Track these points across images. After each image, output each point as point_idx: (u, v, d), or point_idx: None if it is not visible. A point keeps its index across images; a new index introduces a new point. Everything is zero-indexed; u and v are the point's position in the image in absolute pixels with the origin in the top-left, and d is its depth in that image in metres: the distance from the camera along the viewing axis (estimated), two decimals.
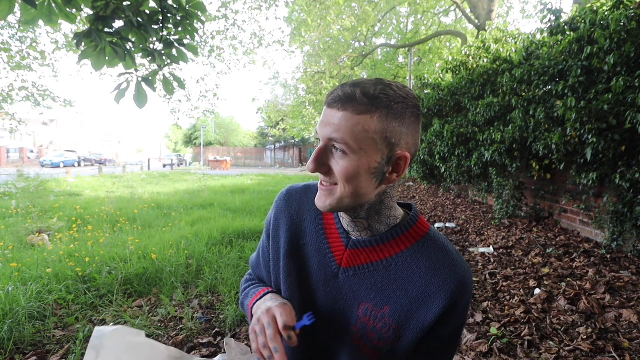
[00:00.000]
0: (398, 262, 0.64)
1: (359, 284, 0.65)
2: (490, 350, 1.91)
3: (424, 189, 9.20)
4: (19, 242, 3.90)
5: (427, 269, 0.62)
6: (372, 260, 0.65)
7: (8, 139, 31.90)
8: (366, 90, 0.55)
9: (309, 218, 0.74)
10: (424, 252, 0.64)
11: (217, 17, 9.40)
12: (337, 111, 0.56)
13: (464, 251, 3.65)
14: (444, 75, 6.70)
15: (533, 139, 3.75)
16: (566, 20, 3.77)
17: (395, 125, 0.57)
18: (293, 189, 0.79)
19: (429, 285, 0.61)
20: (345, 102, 0.55)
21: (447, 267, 0.62)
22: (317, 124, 0.60)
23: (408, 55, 14.34)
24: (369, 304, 0.64)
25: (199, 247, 3.57)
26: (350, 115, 0.55)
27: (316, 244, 0.71)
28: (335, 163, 0.58)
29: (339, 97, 0.56)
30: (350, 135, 0.55)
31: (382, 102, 0.56)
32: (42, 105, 9.44)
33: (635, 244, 2.99)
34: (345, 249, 0.67)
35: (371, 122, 0.55)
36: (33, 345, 2.00)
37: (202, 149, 36.15)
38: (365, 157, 0.56)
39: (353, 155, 0.56)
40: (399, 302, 0.62)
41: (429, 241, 0.65)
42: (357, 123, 0.55)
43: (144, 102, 1.93)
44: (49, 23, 1.72)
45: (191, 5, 2.07)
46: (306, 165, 0.60)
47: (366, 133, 0.55)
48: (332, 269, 0.68)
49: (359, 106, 0.55)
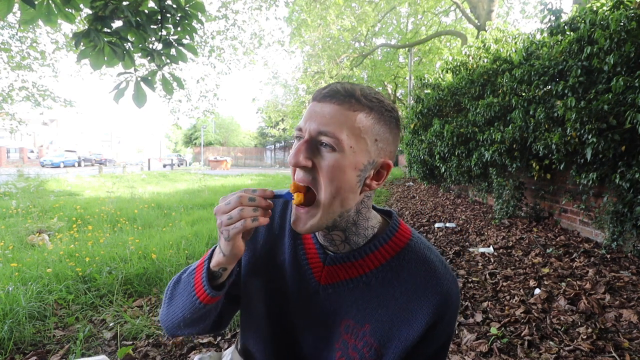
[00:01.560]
0: (378, 277, 0.61)
1: (340, 301, 0.62)
2: (490, 350, 1.91)
3: (424, 189, 9.20)
4: (19, 242, 3.90)
5: (408, 285, 0.59)
6: (351, 277, 0.62)
7: (8, 139, 31.92)
8: (364, 90, 0.55)
9: (287, 232, 0.71)
10: (405, 265, 0.60)
11: (217, 17, 9.40)
12: (332, 104, 0.54)
13: (464, 251, 3.65)
14: (444, 75, 6.70)
15: (533, 139, 3.75)
16: (566, 20, 3.77)
17: (384, 130, 0.57)
18: (277, 203, 0.75)
19: (411, 302, 0.58)
20: (344, 96, 0.54)
21: (430, 280, 0.58)
22: (301, 121, 0.57)
23: (408, 55, 14.35)
24: (350, 321, 0.61)
25: (199, 247, 3.57)
26: (347, 111, 0.54)
27: (295, 261, 0.67)
28: (321, 158, 0.54)
29: (337, 91, 0.55)
30: (343, 130, 0.53)
31: (376, 105, 0.56)
32: (42, 105, 9.44)
33: (635, 244, 2.99)
34: (323, 266, 0.64)
35: (365, 121, 0.54)
36: (33, 345, 2.00)
37: (202, 149, 36.16)
38: (354, 156, 0.54)
39: (342, 153, 0.53)
40: (380, 319, 0.59)
41: (410, 252, 0.61)
42: (352, 119, 0.54)
43: (143, 102, 1.93)
44: (48, 23, 1.72)
45: (190, 6, 2.07)
46: (290, 157, 0.56)
47: (359, 131, 0.54)
48: (312, 286, 0.65)
49: (356, 103, 0.54)
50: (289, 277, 0.67)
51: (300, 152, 0.55)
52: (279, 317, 0.68)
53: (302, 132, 0.56)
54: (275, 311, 0.68)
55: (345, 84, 0.56)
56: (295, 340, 0.67)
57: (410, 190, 9.48)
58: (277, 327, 0.68)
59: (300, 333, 0.66)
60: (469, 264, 3.25)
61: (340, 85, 0.55)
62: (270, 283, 0.69)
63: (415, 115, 6.70)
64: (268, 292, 0.69)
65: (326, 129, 0.53)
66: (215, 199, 7.51)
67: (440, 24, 16.02)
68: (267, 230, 0.73)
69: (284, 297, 0.68)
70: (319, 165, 0.55)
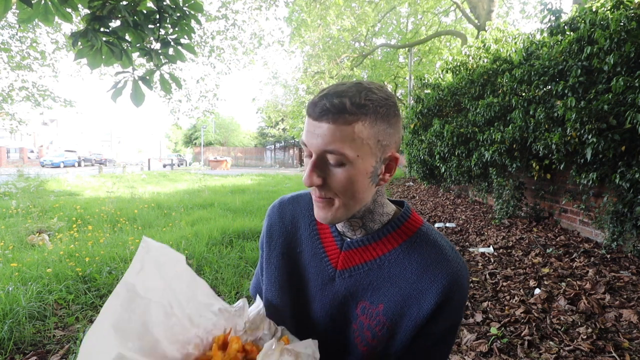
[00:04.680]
0: (391, 259, 0.64)
1: (356, 285, 0.66)
2: (490, 350, 1.91)
3: (424, 189, 9.20)
4: (19, 242, 3.90)
5: (418, 265, 0.62)
6: (366, 260, 0.66)
7: (8, 139, 31.92)
8: (354, 99, 0.55)
9: (303, 226, 0.75)
10: (416, 248, 0.64)
11: (217, 17, 9.39)
12: (328, 123, 0.55)
13: (464, 251, 3.65)
14: (444, 75, 6.70)
15: (533, 139, 3.75)
16: (566, 20, 3.77)
17: (384, 127, 0.58)
18: (285, 200, 0.80)
19: (421, 282, 0.61)
20: (336, 114, 0.55)
21: (439, 263, 0.61)
22: (303, 134, 0.59)
23: (408, 55, 14.35)
24: (365, 302, 0.65)
25: (199, 247, 3.57)
26: (343, 127, 0.55)
27: (312, 250, 0.72)
28: (332, 174, 0.58)
29: (327, 109, 0.55)
30: (346, 145, 0.55)
31: (369, 108, 0.56)
32: (42, 105, 9.44)
33: (635, 244, 2.98)
34: (340, 252, 0.68)
35: (363, 129, 0.56)
36: (33, 345, 2.00)
37: (202, 149, 36.15)
38: (362, 163, 0.57)
39: (350, 164, 0.56)
40: (393, 299, 0.62)
41: (421, 237, 0.65)
42: (350, 132, 0.55)
43: (141, 101, 1.93)
44: (45, 22, 1.72)
45: (188, 5, 2.07)
46: (304, 179, 0.58)
47: (360, 140, 0.56)
48: (329, 273, 0.68)
49: (350, 116, 0.55)
50: (307, 267, 0.72)
51: (312, 174, 0.58)
52: (296, 307, 0.72)
53: (307, 148, 0.58)
54: (292, 301, 0.72)
55: (332, 98, 0.55)
56: (317, 322, 0.70)
57: (410, 190, 9.48)
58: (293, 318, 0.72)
59: (320, 317, 0.69)
60: (469, 264, 3.25)
61: (328, 101, 0.55)
62: (291, 276, 0.73)
63: (415, 115, 6.70)
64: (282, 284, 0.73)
65: (329, 148, 0.55)
66: (216, 198, 7.51)
67: (440, 24, 16.02)
68: (283, 228, 0.77)
69: (302, 287, 0.72)
70: (331, 180, 0.58)
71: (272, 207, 0.81)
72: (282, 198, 0.81)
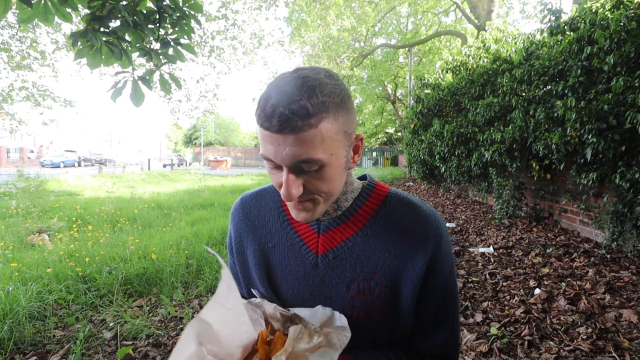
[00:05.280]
0: (372, 228, 0.65)
1: (342, 264, 0.65)
2: (490, 350, 1.91)
3: (424, 189, 9.20)
4: (19, 242, 3.90)
5: (401, 225, 0.64)
6: (347, 237, 0.65)
7: (8, 139, 31.92)
8: (312, 99, 0.50)
9: (271, 219, 0.73)
10: (393, 209, 0.65)
11: (217, 17, 9.39)
12: (294, 134, 0.50)
13: (464, 251, 3.65)
14: (444, 75, 6.70)
15: (533, 139, 3.75)
16: (566, 20, 3.77)
17: (345, 115, 0.55)
18: (246, 197, 0.77)
19: (409, 239, 0.62)
20: (300, 121, 0.49)
21: (419, 218, 0.64)
22: (263, 148, 0.54)
23: (408, 55, 14.35)
24: (358, 280, 0.64)
25: (199, 247, 3.57)
26: (310, 132, 0.50)
27: (287, 242, 0.70)
28: (309, 180, 0.55)
29: (288, 118, 0.49)
30: (318, 149, 0.52)
31: (329, 103, 0.52)
32: (42, 105, 9.45)
33: (635, 244, 2.98)
34: (318, 236, 0.67)
35: (329, 126, 0.52)
36: (33, 345, 2.00)
37: (202, 149, 36.16)
38: (336, 159, 0.55)
39: (326, 166, 0.54)
40: (386, 263, 0.63)
41: (393, 198, 0.67)
42: (319, 135, 0.51)
43: (140, 101, 1.93)
44: (45, 22, 1.72)
45: (188, 6, 2.07)
46: (282, 194, 0.54)
47: (330, 139, 0.53)
48: (310, 260, 0.67)
49: (314, 119, 0.50)
50: (285, 259, 0.69)
51: (290, 188, 0.53)
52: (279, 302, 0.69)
53: (274, 162, 0.54)
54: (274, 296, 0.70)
55: (290, 104, 0.49)
56: None
57: (410, 190, 9.48)
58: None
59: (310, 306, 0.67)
60: (469, 264, 3.25)
61: (285, 108, 0.49)
62: (269, 272, 0.71)
63: (415, 115, 6.70)
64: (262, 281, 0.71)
65: (302, 158, 0.51)
66: (216, 198, 7.51)
67: (440, 24, 16.03)
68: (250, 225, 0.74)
69: (282, 280, 0.70)
70: (310, 185, 0.56)
71: (235, 205, 0.78)
72: (243, 196, 0.78)
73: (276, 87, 0.52)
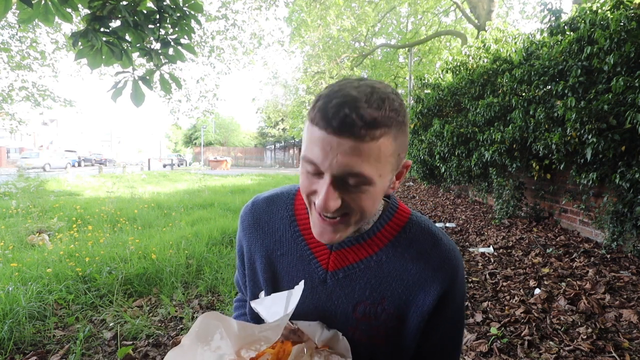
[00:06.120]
0: (389, 253, 0.62)
1: (352, 285, 0.63)
2: (490, 350, 1.91)
3: (424, 189, 9.20)
4: (19, 242, 3.90)
5: (418, 255, 0.61)
6: (361, 258, 0.63)
7: (8, 139, 31.91)
8: (380, 111, 0.47)
9: (282, 227, 0.69)
10: (412, 237, 0.62)
11: (216, 17, 9.40)
12: (352, 140, 0.46)
13: (464, 251, 3.65)
14: (444, 75, 6.70)
15: (533, 139, 3.75)
16: (566, 20, 3.77)
17: (402, 137, 0.51)
18: (258, 201, 0.73)
19: (424, 271, 0.60)
20: (364, 129, 0.46)
21: (438, 250, 0.61)
22: (309, 148, 0.50)
23: (408, 55, 14.34)
24: (365, 303, 0.62)
25: (199, 247, 3.57)
26: (370, 144, 0.47)
27: (297, 253, 0.67)
28: (350, 196, 0.51)
29: (353, 123, 0.45)
30: (372, 166, 0.48)
31: (393, 120, 0.48)
32: (42, 105, 9.45)
33: (635, 244, 2.98)
34: (330, 252, 0.64)
35: (388, 145, 0.48)
36: (33, 345, 2.00)
37: (202, 149, 36.16)
38: (382, 182, 0.51)
39: (372, 185, 0.50)
40: (396, 291, 0.61)
41: (413, 226, 0.63)
42: (376, 150, 0.47)
43: (141, 101, 1.93)
44: (46, 22, 1.72)
45: (188, 6, 2.07)
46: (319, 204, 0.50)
47: (385, 158, 0.49)
48: (319, 275, 0.64)
49: (378, 131, 0.46)
50: (293, 271, 0.67)
51: (330, 200, 0.49)
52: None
53: (318, 167, 0.49)
54: None
55: (358, 108, 0.46)
56: None
57: (410, 190, 9.48)
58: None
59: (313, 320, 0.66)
60: (469, 264, 3.25)
61: (352, 111, 0.46)
62: (276, 281, 0.69)
63: (415, 115, 6.70)
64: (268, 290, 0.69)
65: (353, 171, 0.48)
66: (215, 198, 7.51)
67: (440, 24, 16.02)
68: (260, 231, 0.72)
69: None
70: (349, 201, 0.52)
71: (245, 208, 0.75)
72: (255, 199, 0.74)
73: (342, 89, 0.48)
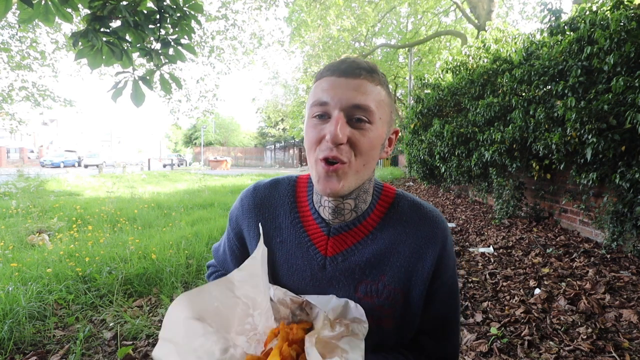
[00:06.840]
0: (382, 230, 0.65)
1: (351, 267, 0.64)
2: (490, 350, 1.91)
3: (424, 189, 9.20)
4: (19, 242, 3.90)
5: (410, 227, 0.65)
6: (358, 240, 0.65)
7: (8, 139, 31.92)
8: (376, 69, 0.59)
9: (282, 213, 0.70)
10: (402, 211, 0.66)
11: (217, 17, 9.40)
12: (359, 79, 0.56)
13: (464, 251, 3.65)
14: (444, 75, 6.70)
15: (533, 139, 3.75)
16: (566, 20, 3.76)
17: (391, 103, 0.62)
18: (260, 186, 0.75)
19: (418, 240, 0.63)
20: (369, 72, 0.57)
21: (428, 219, 0.65)
22: (318, 93, 0.57)
23: (408, 55, 14.34)
24: (366, 281, 0.63)
25: (199, 247, 3.57)
26: (373, 85, 0.57)
27: (295, 239, 0.68)
28: (357, 133, 0.56)
29: (360, 67, 0.57)
30: (375, 102, 0.57)
31: (385, 82, 0.60)
32: (42, 105, 9.45)
33: (635, 244, 2.98)
34: (327, 238, 0.65)
35: (384, 95, 0.59)
36: (33, 345, 2.00)
37: (202, 149, 36.16)
38: (380, 127, 0.59)
39: (373, 125, 0.57)
40: (395, 265, 0.63)
41: (400, 200, 0.68)
42: (378, 92, 0.58)
43: (141, 101, 1.93)
44: (46, 22, 1.72)
45: (189, 6, 2.07)
46: (329, 137, 0.54)
47: (384, 104, 0.59)
48: (318, 261, 0.65)
49: (379, 77, 0.58)
50: (291, 257, 0.67)
51: (340, 129, 0.54)
52: None
53: (328, 106, 0.56)
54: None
55: (360, 61, 0.58)
56: None
57: (410, 190, 9.48)
58: None
59: None
60: (469, 264, 3.25)
61: (356, 61, 0.58)
62: (275, 267, 0.69)
63: (415, 115, 6.70)
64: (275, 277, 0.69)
65: (360, 103, 0.55)
66: (216, 198, 7.51)
67: (440, 24, 16.02)
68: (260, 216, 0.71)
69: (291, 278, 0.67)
70: (354, 138, 0.56)
71: (245, 192, 0.76)
72: (257, 183, 0.77)
73: (346, 57, 0.60)
